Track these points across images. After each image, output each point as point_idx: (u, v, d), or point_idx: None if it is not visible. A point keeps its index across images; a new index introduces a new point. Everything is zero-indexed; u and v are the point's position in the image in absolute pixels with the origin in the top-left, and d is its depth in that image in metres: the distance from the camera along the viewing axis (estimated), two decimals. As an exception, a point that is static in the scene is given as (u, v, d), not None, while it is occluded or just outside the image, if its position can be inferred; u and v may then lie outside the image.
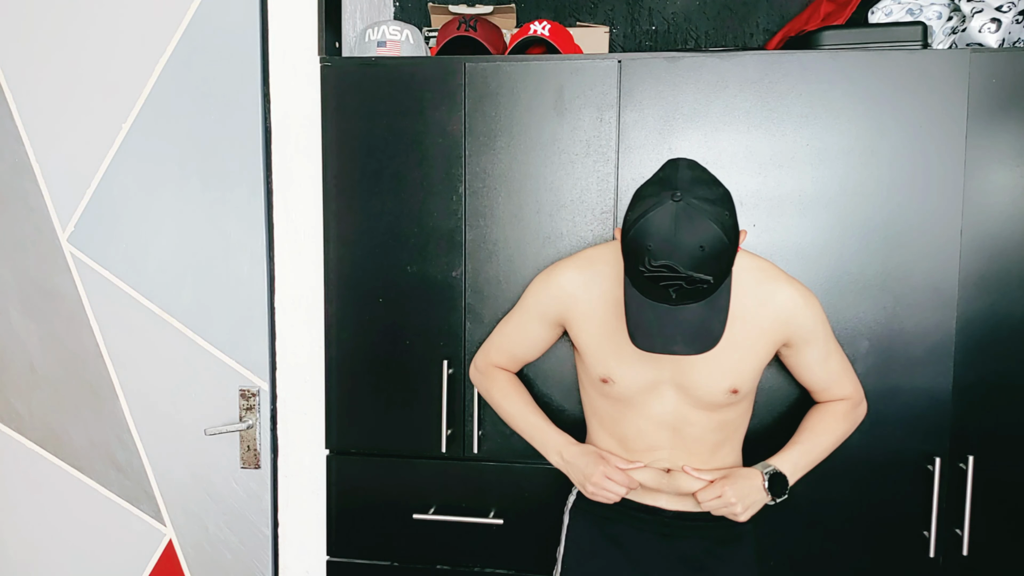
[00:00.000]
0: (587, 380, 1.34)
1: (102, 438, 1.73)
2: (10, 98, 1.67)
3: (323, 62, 1.50)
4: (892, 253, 1.38)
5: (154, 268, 1.65)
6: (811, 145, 1.38)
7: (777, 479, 1.25)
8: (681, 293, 1.04)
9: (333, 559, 1.59)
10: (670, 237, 1.02)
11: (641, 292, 1.08)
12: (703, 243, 1.02)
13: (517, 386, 1.41)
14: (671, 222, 1.02)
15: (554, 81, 1.43)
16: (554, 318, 1.33)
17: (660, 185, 1.08)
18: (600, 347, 1.26)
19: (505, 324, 1.41)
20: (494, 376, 1.42)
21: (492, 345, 1.43)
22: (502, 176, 1.46)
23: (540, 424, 1.37)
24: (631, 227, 1.06)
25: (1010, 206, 1.35)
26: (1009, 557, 1.41)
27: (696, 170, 1.10)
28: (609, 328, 1.25)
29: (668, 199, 1.04)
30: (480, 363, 1.45)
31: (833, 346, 1.31)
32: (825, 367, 1.30)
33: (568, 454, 1.32)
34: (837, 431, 1.32)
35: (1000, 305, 1.37)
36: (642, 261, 1.03)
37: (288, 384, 1.63)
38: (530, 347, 1.39)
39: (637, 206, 1.08)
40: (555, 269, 1.33)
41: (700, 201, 1.04)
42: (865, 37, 1.39)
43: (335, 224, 1.52)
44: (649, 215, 1.04)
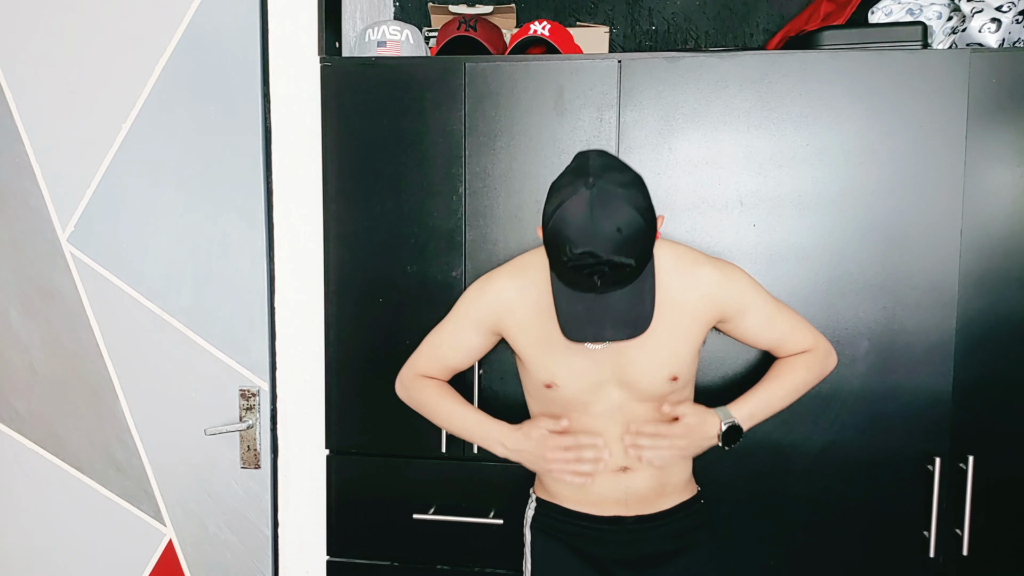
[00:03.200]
0: (531, 386, 1.33)
1: (102, 438, 1.73)
2: (10, 98, 1.67)
3: (323, 62, 1.50)
4: (892, 253, 1.38)
5: (154, 268, 1.65)
6: (811, 145, 1.38)
7: (732, 430, 1.26)
8: (605, 279, 1.04)
9: (333, 559, 1.59)
10: (587, 223, 1.02)
11: (567, 284, 1.09)
12: (620, 225, 1.02)
13: (447, 390, 1.38)
14: (587, 208, 1.02)
15: (554, 81, 1.43)
16: (490, 327, 1.31)
17: (573, 175, 1.08)
18: (541, 353, 1.26)
19: (436, 335, 1.38)
20: (422, 385, 1.39)
21: (421, 357, 1.40)
22: (502, 176, 1.46)
23: (477, 419, 1.34)
24: (549, 219, 1.06)
25: (1010, 206, 1.35)
26: (1009, 557, 1.41)
27: (605, 157, 1.10)
28: (548, 333, 1.23)
29: (581, 186, 1.04)
30: (406, 377, 1.41)
31: (774, 307, 1.31)
32: (771, 328, 1.31)
33: (511, 442, 1.29)
34: (796, 380, 1.31)
35: (1000, 305, 1.37)
36: (563, 251, 1.03)
37: (288, 384, 1.63)
38: (464, 356, 1.36)
39: (553, 198, 1.08)
40: (489, 278, 1.33)
41: (613, 185, 1.04)
42: (865, 37, 1.39)
43: (335, 224, 1.52)
44: (565, 204, 1.04)
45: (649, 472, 1.28)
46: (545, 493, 1.37)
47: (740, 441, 1.25)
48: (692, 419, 1.25)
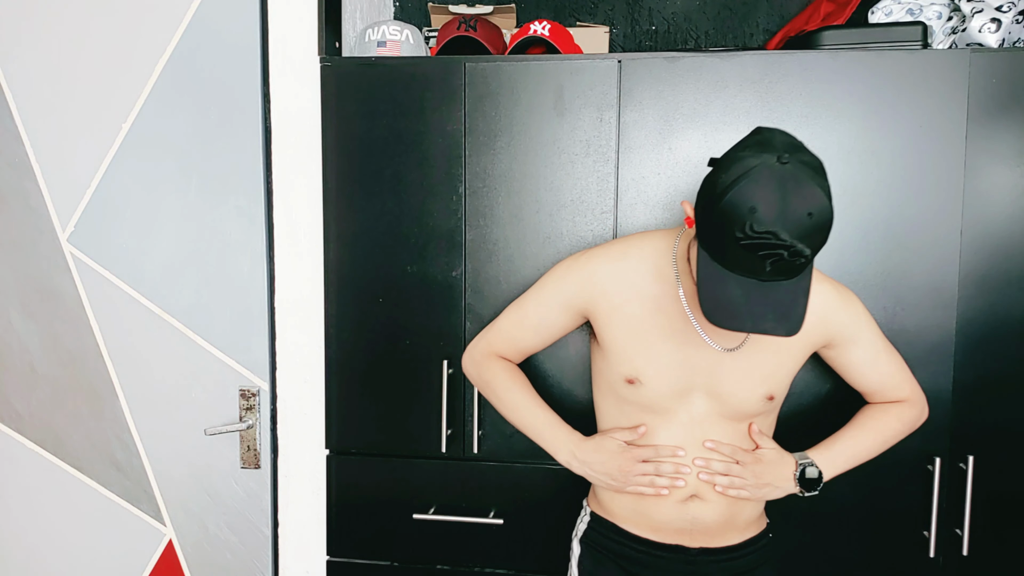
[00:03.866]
0: (608, 381, 1.24)
1: (102, 438, 1.73)
2: (10, 98, 1.67)
3: (323, 62, 1.50)
4: (892, 253, 1.38)
5: (154, 268, 1.65)
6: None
7: (810, 473, 1.20)
8: (778, 266, 0.94)
9: (333, 559, 1.59)
10: (778, 202, 0.92)
11: (726, 265, 0.97)
12: (812, 210, 0.92)
13: (521, 378, 1.30)
14: (778, 186, 0.92)
15: (554, 81, 1.43)
16: (579, 307, 1.23)
17: (757, 148, 0.97)
18: (629, 344, 1.18)
19: (516, 310, 1.30)
20: (494, 366, 1.31)
21: (497, 332, 1.32)
22: (502, 176, 1.46)
23: (549, 420, 1.26)
24: (726, 190, 0.95)
25: (1010, 206, 1.35)
26: (1009, 557, 1.41)
27: (789, 136, 1.01)
28: (640, 325, 1.17)
29: (773, 161, 0.94)
30: (478, 352, 1.33)
31: (882, 345, 1.25)
32: (875, 368, 1.25)
33: (582, 452, 1.21)
34: (887, 431, 1.26)
35: (1000, 305, 1.37)
36: (741, 227, 0.93)
37: (288, 384, 1.63)
38: (544, 336, 1.29)
39: (731, 168, 0.96)
40: (586, 256, 1.25)
41: (806, 167, 0.95)
42: (865, 37, 1.39)
43: (335, 224, 1.52)
44: (752, 176, 0.93)
45: (720, 504, 1.19)
46: (601, 508, 1.28)
47: (817, 492, 1.20)
48: (771, 453, 1.19)
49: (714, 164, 1.03)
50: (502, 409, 1.31)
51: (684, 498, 1.19)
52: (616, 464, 1.18)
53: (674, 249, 1.19)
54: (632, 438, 1.20)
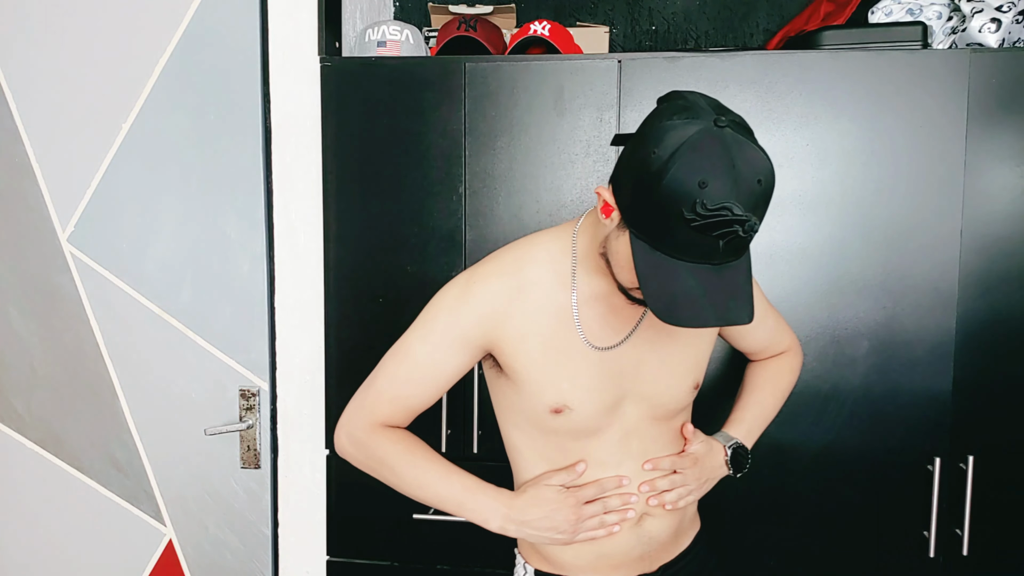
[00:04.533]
0: (525, 415, 1.07)
1: (102, 438, 1.73)
2: (10, 98, 1.67)
3: (323, 62, 1.50)
4: (892, 253, 1.38)
5: (154, 268, 1.65)
6: (811, 145, 1.38)
7: (739, 452, 1.15)
8: (730, 246, 0.83)
9: (333, 559, 1.59)
10: (728, 170, 0.80)
11: (674, 253, 0.85)
12: (760, 176, 0.82)
13: (420, 445, 1.08)
14: (723, 151, 0.81)
15: (554, 81, 1.43)
16: (479, 342, 1.04)
17: (686, 113, 0.84)
18: (548, 368, 1.02)
19: (399, 361, 1.08)
20: (383, 439, 1.07)
21: (377, 395, 1.08)
22: (502, 176, 1.46)
23: (468, 485, 1.05)
24: (665, 166, 0.81)
25: (1010, 206, 1.35)
26: (1009, 557, 1.41)
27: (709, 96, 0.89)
28: (557, 344, 1.01)
29: (709, 124, 0.82)
30: (357, 428, 1.08)
31: (765, 301, 1.20)
32: (764, 326, 1.20)
33: (517, 512, 1.03)
34: (783, 384, 1.23)
35: (1000, 305, 1.37)
36: (690, 206, 0.80)
37: (288, 384, 1.63)
38: (439, 385, 1.07)
39: (664, 140, 0.83)
40: (476, 279, 1.05)
41: (741, 128, 0.84)
42: (865, 37, 1.39)
43: (335, 224, 1.52)
44: (693, 145, 0.81)
45: (668, 515, 1.11)
46: (547, 563, 1.13)
47: (748, 467, 1.18)
48: (701, 447, 1.11)
49: (627, 140, 0.90)
50: (407, 489, 1.08)
51: (636, 520, 1.09)
52: (561, 516, 1.02)
53: (573, 246, 1.04)
54: (570, 479, 1.05)
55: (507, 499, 1.05)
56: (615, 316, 1.05)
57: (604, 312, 1.04)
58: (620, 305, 1.04)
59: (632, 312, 1.06)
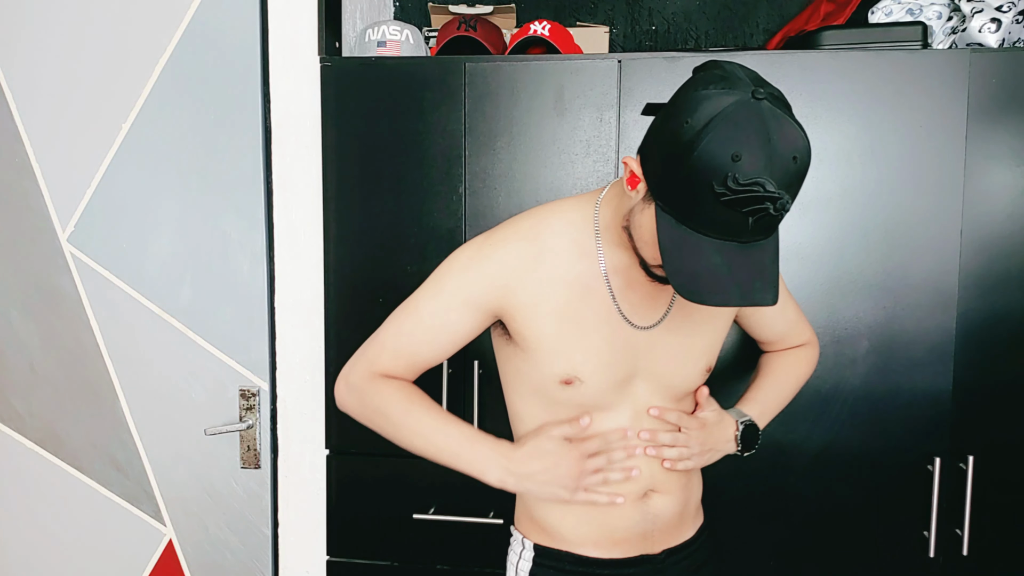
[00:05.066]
0: (533, 385, 1.05)
1: (102, 438, 1.73)
2: (10, 98, 1.67)
3: (323, 62, 1.50)
4: (892, 253, 1.38)
5: (154, 268, 1.65)
6: (811, 145, 1.38)
7: (750, 430, 1.11)
8: (759, 224, 0.80)
9: (333, 559, 1.59)
10: (763, 144, 0.77)
11: (700, 229, 0.82)
12: (796, 153, 0.79)
13: (420, 395, 1.05)
14: (759, 125, 0.77)
15: (554, 81, 1.43)
16: (490, 306, 1.01)
17: (724, 83, 0.81)
18: (562, 338, 0.99)
19: (405, 315, 1.04)
20: (383, 388, 1.04)
21: (380, 347, 1.05)
22: (502, 176, 1.46)
23: (466, 435, 1.02)
24: (697, 137, 0.78)
25: (1010, 206, 1.35)
26: (1009, 557, 1.41)
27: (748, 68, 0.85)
28: (571, 314, 0.99)
29: (747, 96, 0.79)
30: (356, 376, 1.06)
31: (786, 290, 1.18)
32: (784, 315, 1.19)
33: (517, 464, 0.99)
34: (799, 373, 1.21)
35: (1000, 305, 1.37)
36: (721, 180, 0.77)
37: (288, 384, 1.63)
38: (444, 345, 1.04)
39: (699, 109, 0.80)
40: (491, 241, 1.03)
41: (778, 101, 0.81)
42: (865, 37, 1.39)
43: (335, 224, 1.52)
44: (728, 116, 0.78)
45: (674, 492, 1.08)
46: (546, 537, 1.10)
47: (757, 448, 1.15)
48: (712, 415, 1.09)
49: (659, 110, 0.87)
50: (402, 439, 1.05)
51: (641, 495, 1.06)
52: (564, 468, 0.99)
53: (595, 218, 1.02)
54: (573, 432, 1.01)
55: (507, 450, 1.01)
56: (636, 291, 1.02)
57: (625, 286, 1.02)
58: (641, 280, 1.00)
59: (657, 288, 1.02)
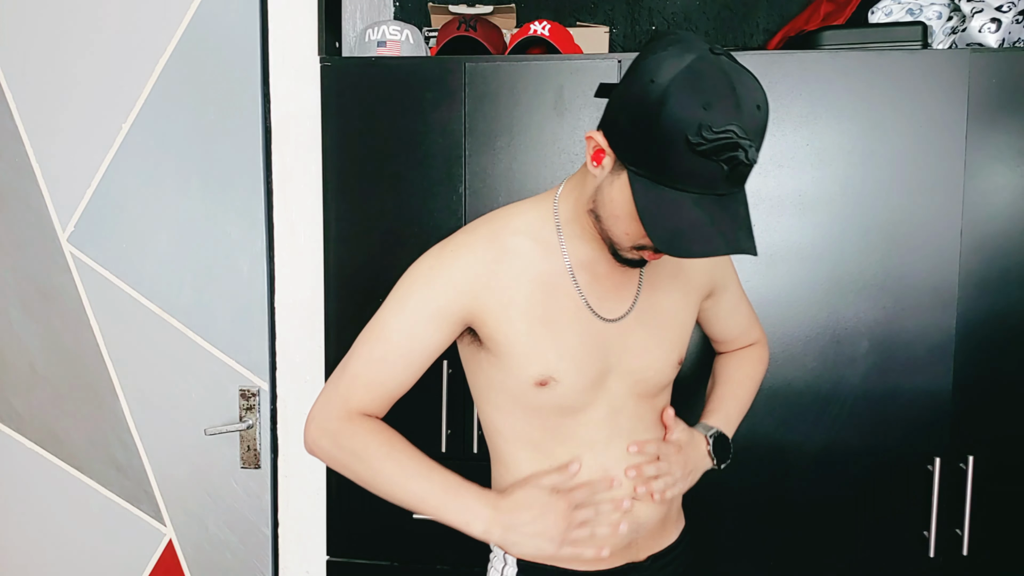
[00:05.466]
0: (506, 391, 1.02)
1: (102, 438, 1.73)
2: (10, 98, 1.67)
3: (323, 62, 1.50)
4: (892, 253, 1.38)
5: (154, 268, 1.65)
6: (811, 145, 1.38)
7: (720, 442, 1.11)
8: (735, 172, 0.81)
9: (333, 559, 1.59)
10: (730, 93, 0.79)
11: (677, 184, 0.82)
12: (759, 102, 0.82)
13: (399, 438, 1.00)
14: (722, 76, 0.80)
15: (554, 81, 1.43)
16: (458, 315, 0.98)
17: (680, 46, 0.83)
18: (533, 339, 0.97)
19: (373, 343, 1.01)
20: (360, 429, 0.98)
21: (352, 381, 1.00)
22: (502, 176, 1.46)
23: (450, 484, 0.97)
24: (665, 94, 0.79)
25: (1010, 206, 1.35)
26: (1009, 557, 1.41)
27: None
28: (540, 313, 0.97)
29: (706, 51, 0.81)
30: (331, 417, 1.00)
31: (741, 288, 1.20)
32: (739, 311, 1.20)
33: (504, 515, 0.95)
34: (756, 375, 1.21)
35: (1000, 305, 1.37)
36: (695, 130, 0.78)
37: (288, 384, 1.63)
38: (416, 366, 1.00)
39: (661, 69, 0.81)
40: (449, 249, 1.00)
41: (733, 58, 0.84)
42: (865, 37, 1.39)
43: (335, 224, 1.52)
44: (694, 69, 0.79)
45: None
46: None
47: (731, 459, 1.14)
48: (683, 435, 1.08)
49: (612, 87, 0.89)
50: (382, 486, 0.98)
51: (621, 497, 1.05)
52: (551, 520, 0.95)
53: (555, 214, 1.01)
54: (561, 481, 0.98)
55: (493, 500, 0.97)
56: (602, 284, 1.02)
57: (591, 280, 1.01)
58: (606, 272, 1.01)
59: (622, 280, 1.03)
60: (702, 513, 1.28)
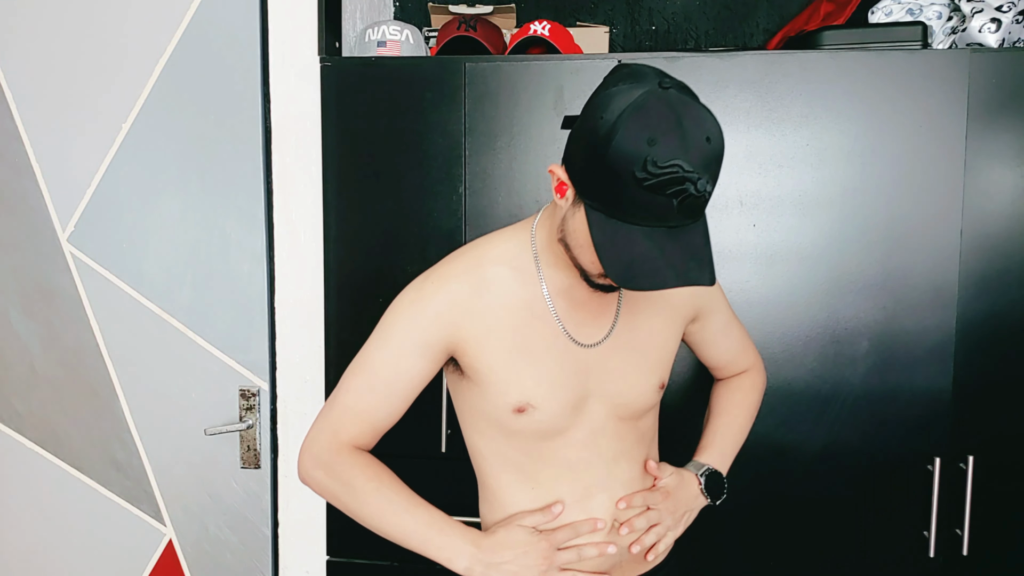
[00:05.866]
0: (487, 416, 1.04)
1: (102, 438, 1.73)
2: (10, 98, 1.67)
3: (323, 62, 1.50)
4: (892, 253, 1.38)
5: (154, 268, 1.65)
6: (811, 145, 1.38)
7: (713, 479, 1.12)
8: (686, 204, 0.82)
9: (333, 559, 1.59)
10: (675, 128, 0.80)
11: (629, 219, 0.84)
12: (708, 134, 0.82)
13: (388, 472, 1.03)
14: (669, 110, 0.81)
15: (554, 81, 1.43)
16: (440, 345, 1.01)
17: (631, 80, 0.85)
18: (512, 367, 1.00)
19: (359, 376, 1.04)
20: (351, 462, 1.01)
21: (341, 414, 1.03)
22: (502, 176, 1.46)
23: (435, 520, 1.01)
24: (613, 129, 0.81)
25: (1010, 206, 1.35)
26: (1009, 557, 1.41)
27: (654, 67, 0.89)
28: (519, 341, 0.99)
29: (654, 87, 0.83)
30: (323, 450, 1.03)
31: (731, 310, 1.20)
32: (729, 336, 1.20)
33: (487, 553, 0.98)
34: (750, 405, 1.21)
35: (1000, 305, 1.37)
36: (641, 165, 0.80)
37: (288, 384, 1.63)
38: (403, 397, 1.03)
39: (610, 105, 0.83)
40: (431, 281, 1.03)
41: (685, 90, 0.85)
42: (865, 37, 1.39)
43: (335, 224, 1.52)
44: (639, 106, 0.81)
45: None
46: None
47: (726, 493, 1.14)
48: (672, 479, 1.09)
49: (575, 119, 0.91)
50: (369, 518, 1.02)
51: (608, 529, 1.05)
52: (532, 559, 0.98)
53: (532, 242, 1.03)
54: (544, 521, 1.01)
55: (476, 538, 1.00)
56: (580, 311, 1.04)
57: (569, 307, 1.03)
58: (584, 299, 1.02)
59: (600, 305, 1.04)
60: (702, 513, 1.28)
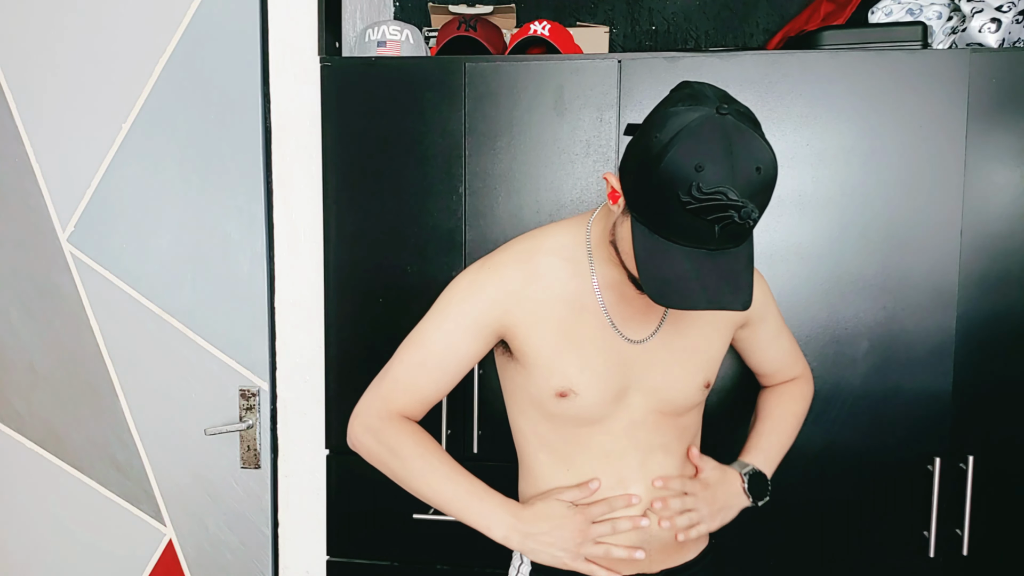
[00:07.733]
0: (531, 398, 1.08)
1: (102, 438, 1.73)
2: (10, 98, 1.67)
3: (323, 62, 1.50)
4: (892, 253, 1.38)
5: (154, 268, 1.65)
6: (811, 145, 1.38)
7: (756, 479, 1.13)
8: (727, 231, 0.84)
9: (333, 559, 1.59)
10: (725, 156, 0.82)
11: (670, 237, 0.86)
12: (760, 164, 0.83)
13: (433, 441, 1.09)
14: (722, 137, 0.82)
15: (554, 81, 1.43)
16: (494, 327, 1.06)
17: (691, 101, 0.87)
18: (558, 353, 1.04)
19: (413, 349, 1.09)
20: (399, 429, 1.07)
21: (393, 383, 1.09)
22: (502, 176, 1.46)
23: (476, 489, 1.05)
24: (664, 150, 0.83)
25: (1010, 206, 1.35)
26: (1009, 557, 1.41)
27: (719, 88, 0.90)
28: (567, 329, 1.04)
29: (711, 112, 0.84)
30: (372, 416, 1.09)
31: (781, 320, 1.22)
32: (779, 344, 1.22)
33: (524, 523, 1.02)
34: (798, 412, 1.23)
35: (1000, 305, 1.37)
36: (686, 189, 0.82)
37: (288, 384, 1.63)
38: (453, 374, 1.08)
39: (666, 125, 0.85)
40: (488, 266, 1.08)
41: (744, 117, 0.86)
42: (865, 37, 1.39)
43: (335, 224, 1.52)
44: (693, 130, 0.83)
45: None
46: None
47: (769, 496, 1.15)
48: (714, 474, 1.11)
49: (636, 129, 0.93)
50: (413, 484, 1.07)
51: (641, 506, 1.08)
52: (568, 532, 1.02)
53: (587, 237, 1.07)
54: (581, 496, 1.05)
55: (515, 509, 1.04)
56: (629, 307, 1.06)
57: (618, 302, 1.06)
58: (633, 296, 1.04)
59: (649, 303, 1.06)
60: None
